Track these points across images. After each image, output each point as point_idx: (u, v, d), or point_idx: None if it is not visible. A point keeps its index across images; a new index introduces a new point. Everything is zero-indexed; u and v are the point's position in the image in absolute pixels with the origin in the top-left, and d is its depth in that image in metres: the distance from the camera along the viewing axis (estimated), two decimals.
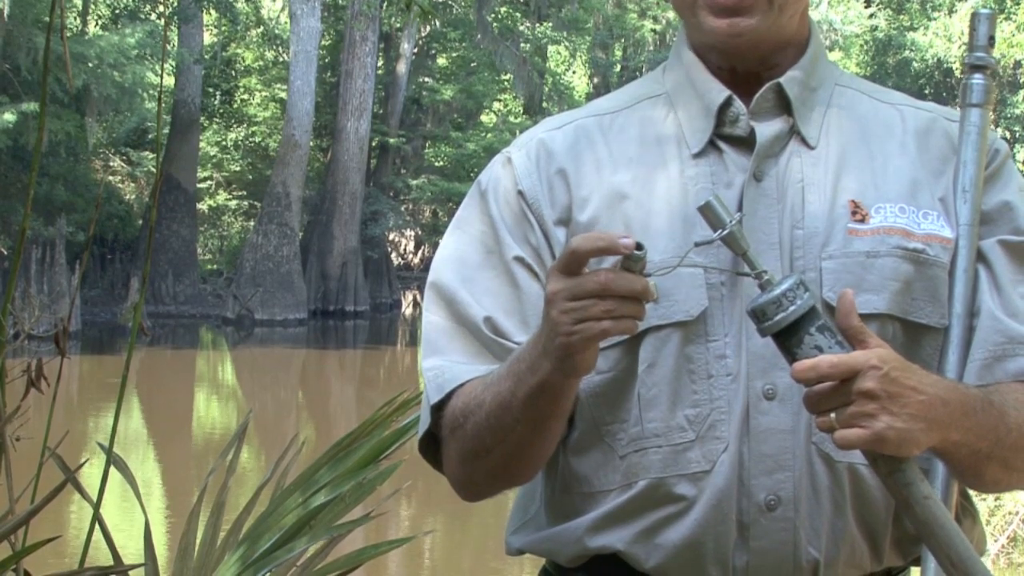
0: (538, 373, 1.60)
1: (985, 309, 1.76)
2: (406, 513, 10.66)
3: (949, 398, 1.59)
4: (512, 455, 1.72)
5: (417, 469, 2.65)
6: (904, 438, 1.53)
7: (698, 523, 1.71)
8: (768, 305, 1.53)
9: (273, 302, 27.32)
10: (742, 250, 1.56)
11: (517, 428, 1.66)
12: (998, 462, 1.67)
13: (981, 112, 1.80)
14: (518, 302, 1.78)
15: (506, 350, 1.75)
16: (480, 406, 1.69)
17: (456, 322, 1.80)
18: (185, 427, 15.90)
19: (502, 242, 1.80)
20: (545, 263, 1.79)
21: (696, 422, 1.71)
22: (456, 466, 1.79)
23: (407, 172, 34.31)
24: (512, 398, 1.64)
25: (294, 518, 2.75)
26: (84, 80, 22.62)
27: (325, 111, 32.26)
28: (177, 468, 13.08)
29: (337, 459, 2.83)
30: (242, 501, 2.88)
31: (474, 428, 1.71)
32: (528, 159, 1.84)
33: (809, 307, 1.53)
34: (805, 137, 1.79)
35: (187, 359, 22.91)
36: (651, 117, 1.84)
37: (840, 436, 1.53)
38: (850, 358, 1.52)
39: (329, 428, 15.25)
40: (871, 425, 1.52)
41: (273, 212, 28.10)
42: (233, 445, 2.97)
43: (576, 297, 1.52)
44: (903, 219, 1.75)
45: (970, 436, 1.62)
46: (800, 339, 1.53)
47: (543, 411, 1.65)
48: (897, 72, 34.73)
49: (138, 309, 2.84)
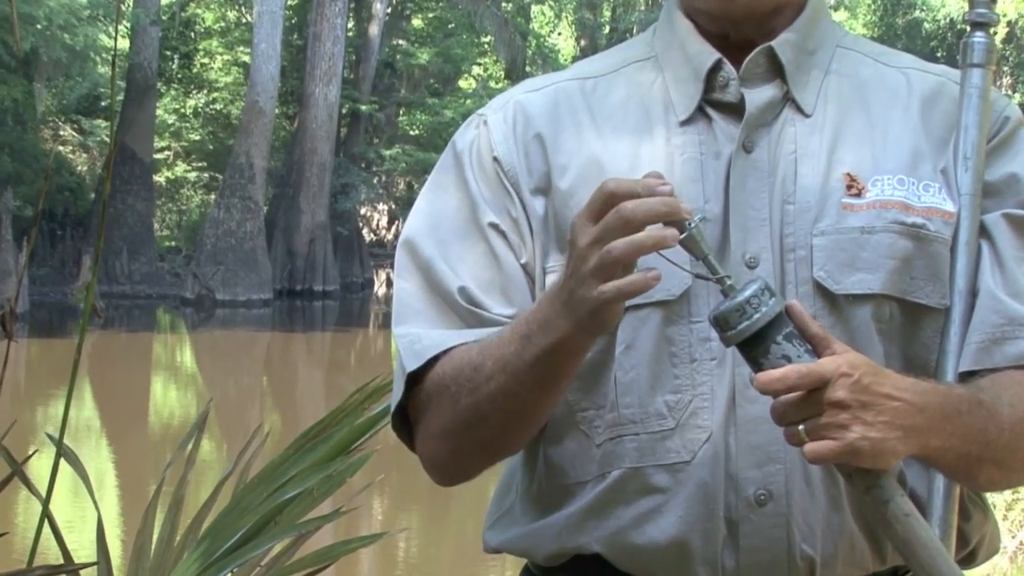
0: (553, 332, 1.58)
1: (985, 288, 1.74)
2: (379, 508, 10.66)
3: (927, 402, 1.58)
4: (510, 423, 1.71)
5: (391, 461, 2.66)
6: (879, 449, 1.52)
7: (682, 520, 1.70)
8: (731, 313, 1.52)
9: (236, 281, 27.26)
10: (703, 254, 1.54)
11: (521, 393, 1.65)
12: (991, 464, 1.67)
13: (983, 72, 1.78)
14: (494, 271, 1.78)
15: (482, 321, 1.75)
16: (477, 370, 1.68)
17: (430, 289, 1.79)
18: (141, 416, 15.86)
19: (478, 209, 1.80)
20: (523, 234, 1.79)
21: (676, 409, 1.70)
22: (438, 441, 1.78)
23: (380, 142, 34.24)
24: (518, 360, 1.63)
25: (258, 514, 2.75)
26: (32, 43, 22.54)
27: (292, 76, 32.15)
28: (132, 460, 13.06)
29: (305, 450, 2.83)
30: (202, 496, 2.88)
31: (469, 395, 1.69)
32: (504, 123, 1.85)
33: (775, 314, 1.52)
34: (800, 104, 1.77)
35: (143, 343, 22.86)
36: (637, 81, 1.84)
37: (810, 450, 1.51)
38: (818, 366, 1.51)
39: (296, 417, 15.23)
40: (843, 436, 1.51)
41: (236, 185, 28.03)
42: (193, 436, 2.97)
43: (605, 241, 1.51)
44: (901, 191, 1.74)
45: (954, 440, 1.61)
46: (767, 348, 1.52)
47: (555, 373, 1.64)
48: (907, 33, 34.75)
49: (90, 289, 2.84)
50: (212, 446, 12.53)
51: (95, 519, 2.75)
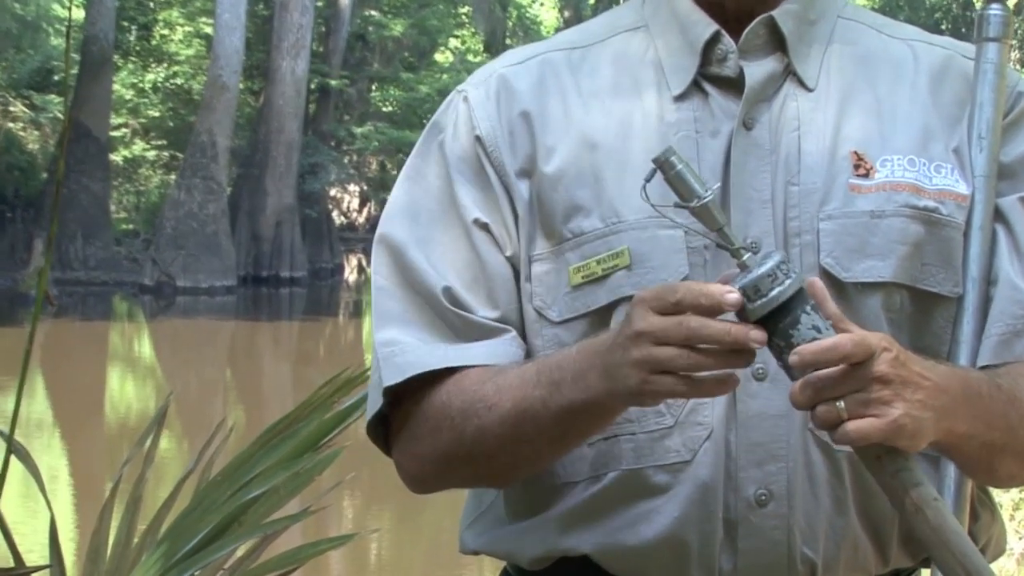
0: (587, 390, 1.58)
1: (1004, 277, 1.74)
2: (349, 507, 10.67)
3: (949, 384, 1.58)
4: (516, 465, 1.71)
5: (362, 457, 2.65)
6: (919, 427, 1.51)
7: (678, 521, 1.69)
8: (762, 280, 1.50)
9: (197, 267, 27.22)
10: (718, 225, 1.53)
11: (537, 441, 1.65)
12: (1012, 454, 1.67)
13: (999, 47, 1.78)
14: (479, 271, 1.76)
15: (468, 324, 1.74)
16: (490, 409, 1.67)
17: (411, 289, 1.78)
18: (96, 411, 15.84)
19: (460, 202, 1.78)
20: (507, 223, 1.77)
21: (675, 406, 1.69)
22: (428, 464, 1.77)
23: (351, 119, 34.24)
24: (543, 409, 1.62)
25: (221, 514, 2.74)
26: None
27: (257, 49, 32.11)
28: (87, 457, 13.04)
29: (270, 446, 2.82)
30: (162, 495, 2.88)
31: (477, 433, 1.68)
32: (487, 98, 1.82)
33: (801, 284, 1.51)
34: (802, 78, 1.76)
35: (99, 332, 22.82)
36: (627, 52, 1.82)
37: (854, 428, 1.48)
38: (866, 337, 1.50)
39: (261, 411, 15.23)
40: (887, 413, 1.49)
41: (197, 164, 27.97)
42: (151, 431, 2.96)
43: (660, 343, 1.50)
44: (912, 173, 1.73)
45: (978, 425, 1.61)
46: (796, 319, 1.50)
47: (579, 429, 1.64)
48: (910, 4, 34.81)
49: (43, 275, 2.83)
50: (172, 442, 12.51)
51: (47, 519, 2.74)
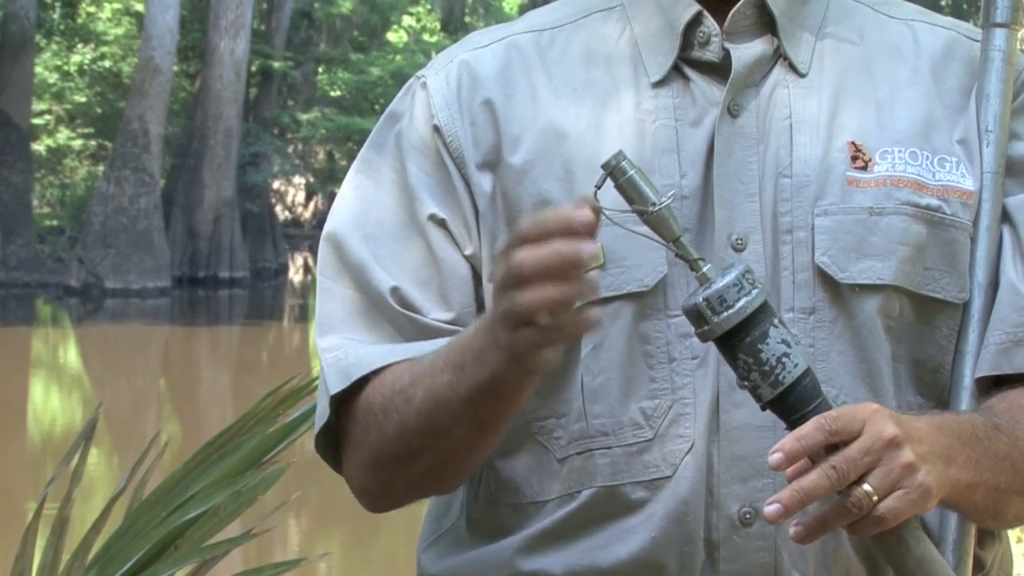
0: (487, 366, 1.58)
1: (1006, 281, 1.74)
2: (296, 530, 10.66)
3: (944, 424, 1.60)
4: (444, 461, 1.71)
5: (309, 475, 2.65)
6: (939, 482, 1.53)
7: (656, 542, 1.68)
8: (728, 290, 1.50)
9: (128, 267, 27.18)
10: (674, 235, 1.53)
11: (455, 430, 1.65)
12: (1020, 495, 1.68)
13: (1007, 33, 1.77)
14: (432, 270, 1.77)
15: (418, 327, 1.74)
16: (407, 402, 1.67)
17: (357, 290, 1.78)
18: (18, 424, 15.80)
19: (415, 196, 1.78)
20: (467, 220, 1.77)
21: (654, 417, 1.69)
22: (366, 471, 1.77)
23: (295, 104, 34.23)
24: (452, 394, 1.62)
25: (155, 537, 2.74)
26: None
27: (193, 28, 32.09)
28: (8, 475, 13.01)
29: (209, 463, 2.82)
30: (91, 516, 2.87)
31: (397, 428, 1.69)
32: (447, 85, 1.82)
33: (767, 296, 1.51)
34: (793, 62, 1.76)
35: (20, 338, 22.76)
36: (601, 35, 1.82)
37: (890, 509, 1.50)
38: (844, 409, 1.51)
39: (199, 424, 15.21)
40: (913, 481, 1.51)
41: (128, 154, 27.93)
42: (79, 447, 2.96)
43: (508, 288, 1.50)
44: (914, 167, 1.73)
45: (982, 471, 1.61)
46: (764, 332, 1.50)
47: (491, 411, 1.64)
48: None
49: None
50: (101, 459, 12.49)
51: None
